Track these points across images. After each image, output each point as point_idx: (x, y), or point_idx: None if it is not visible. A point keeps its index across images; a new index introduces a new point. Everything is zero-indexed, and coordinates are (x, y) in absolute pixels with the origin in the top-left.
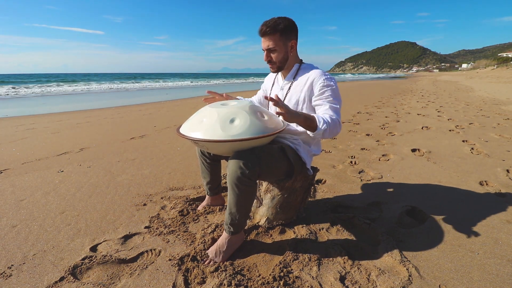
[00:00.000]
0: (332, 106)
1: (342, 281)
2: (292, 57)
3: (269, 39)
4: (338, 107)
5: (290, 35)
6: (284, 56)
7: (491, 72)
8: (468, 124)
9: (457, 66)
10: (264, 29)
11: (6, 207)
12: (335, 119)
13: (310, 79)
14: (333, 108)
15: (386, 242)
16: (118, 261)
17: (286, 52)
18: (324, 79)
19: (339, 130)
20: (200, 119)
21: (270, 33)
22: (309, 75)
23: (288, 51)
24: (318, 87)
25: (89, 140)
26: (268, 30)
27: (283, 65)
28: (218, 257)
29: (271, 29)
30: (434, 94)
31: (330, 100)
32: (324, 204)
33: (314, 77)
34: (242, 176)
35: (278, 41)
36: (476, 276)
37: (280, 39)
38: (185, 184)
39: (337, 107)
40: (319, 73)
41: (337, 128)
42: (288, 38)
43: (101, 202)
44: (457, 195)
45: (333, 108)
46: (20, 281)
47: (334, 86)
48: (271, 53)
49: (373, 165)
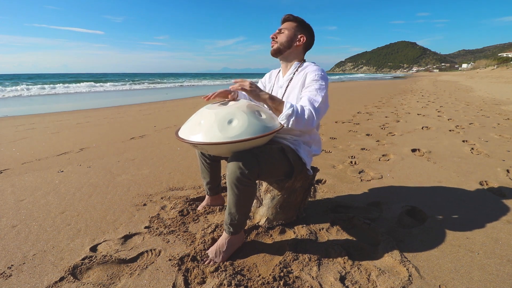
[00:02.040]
0: (312, 98)
1: (342, 281)
2: (295, 50)
3: (286, 24)
4: (318, 100)
5: (303, 31)
6: (288, 42)
7: (491, 72)
8: (468, 124)
9: (457, 66)
10: (286, 17)
11: (6, 207)
12: (307, 109)
13: (304, 74)
14: (311, 100)
15: (386, 242)
16: (118, 261)
17: (292, 40)
18: (315, 74)
19: (310, 124)
20: (198, 121)
21: (291, 20)
22: (306, 71)
23: (295, 40)
24: (308, 80)
25: (89, 140)
26: (289, 17)
27: (283, 48)
28: (218, 257)
29: (292, 17)
30: (434, 94)
31: (313, 93)
32: (324, 204)
33: (307, 72)
34: (241, 176)
35: (291, 28)
36: (476, 276)
37: (294, 27)
38: (185, 184)
39: (316, 99)
40: (314, 69)
41: (306, 119)
42: (300, 31)
43: (101, 202)
44: (457, 195)
45: (311, 99)
46: (20, 281)
47: (322, 82)
48: (280, 32)
49: (373, 165)
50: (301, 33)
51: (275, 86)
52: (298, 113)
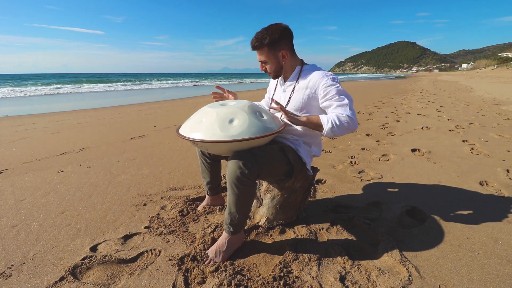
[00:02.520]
0: (340, 103)
1: (342, 281)
2: (287, 63)
3: (260, 53)
4: (346, 102)
5: (278, 46)
6: (277, 66)
7: (491, 72)
8: (468, 124)
9: (457, 66)
10: (253, 44)
11: (6, 207)
12: (344, 116)
13: (311, 82)
14: (341, 105)
15: (386, 242)
16: (118, 261)
17: (277, 62)
18: (326, 80)
19: (354, 125)
20: (199, 120)
21: (259, 47)
22: (311, 77)
23: (280, 61)
24: (322, 88)
25: (89, 140)
26: (256, 44)
27: (279, 73)
28: (218, 257)
29: (259, 44)
30: (434, 94)
31: (337, 98)
32: (324, 204)
33: (315, 80)
34: (241, 176)
35: (268, 54)
36: (476, 276)
37: (269, 52)
38: (185, 184)
39: (345, 102)
40: (321, 74)
41: (349, 124)
42: (277, 50)
43: (101, 202)
44: (457, 195)
45: (341, 105)
46: (20, 281)
47: (337, 85)
48: (264, 64)
49: (373, 165)
50: (278, 51)
51: (277, 91)
52: (337, 124)
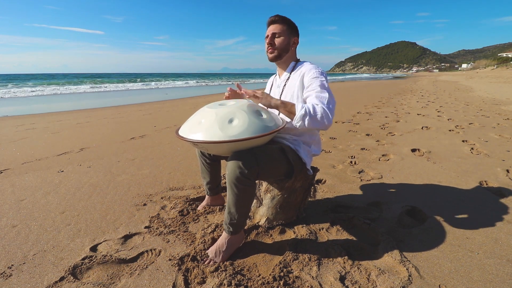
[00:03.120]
0: (319, 95)
1: (342, 281)
2: (291, 53)
3: (277, 27)
4: (325, 96)
5: (294, 32)
6: (284, 45)
7: (491, 72)
8: (468, 124)
9: (457, 66)
10: (274, 18)
11: (6, 207)
12: (319, 107)
13: (301, 74)
14: (319, 97)
15: (386, 242)
16: (118, 261)
17: (288, 43)
18: (314, 72)
19: (326, 120)
20: (199, 120)
21: (280, 22)
22: (302, 70)
23: (290, 44)
24: (307, 79)
25: (89, 140)
26: (278, 19)
27: (282, 53)
28: (218, 257)
29: (281, 20)
30: (434, 94)
31: (317, 90)
32: (324, 204)
33: (305, 70)
34: (241, 176)
35: (284, 31)
36: (476, 276)
37: (287, 30)
38: (185, 184)
39: (324, 95)
40: (310, 67)
41: (322, 117)
42: (292, 34)
43: (101, 202)
44: (457, 195)
45: (319, 97)
46: (20, 281)
47: (322, 78)
48: (275, 37)
49: (373, 165)
50: (293, 35)
51: (273, 87)
52: (311, 113)
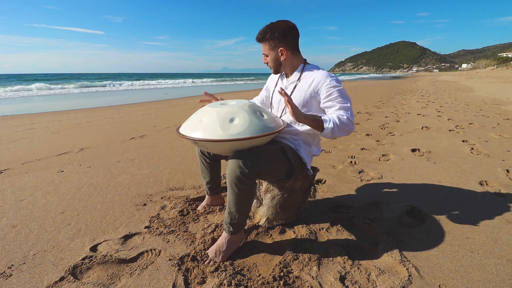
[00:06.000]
0: (342, 105)
1: (342, 281)
2: (287, 61)
3: (263, 47)
4: (348, 106)
5: (278, 43)
6: (276, 62)
7: (491, 72)
8: (468, 124)
9: (457, 66)
10: (257, 37)
11: (6, 207)
12: (345, 118)
13: (315, 81)
14: (343, 108)
15: (386, 242)
16: (118, 261)
17: (277, 58)
18: (330, 81)
19: (352, 128)
20: (200, 119)
21: (261, 40)
22: (314, 77)
23: (278, 57)
24: (325, 89)
25: (89, 140)
26: (258, 37)
27: (278, 68)
28: (218, 257)
29: (262, 37)
30: (434, 94)
31: (339, 100)
32: (324, 204)
33: (319, 79)
34: (241, 175)
35: (268, 48)
36: (476, 276)
37: (269, 46)
38: (185, 184)
39: (347, 105)
40: (324, 75)
41: (348, 126)
42: (276, 46)
43: (101, 202)
44: (457, 195)
45: (343, 107)
46: (20, 281)
47: (340, 87)
48: (266, 57)
49: (373, 165)
50: (277, 47)
51: (278, 87)
52: (338, 125)
